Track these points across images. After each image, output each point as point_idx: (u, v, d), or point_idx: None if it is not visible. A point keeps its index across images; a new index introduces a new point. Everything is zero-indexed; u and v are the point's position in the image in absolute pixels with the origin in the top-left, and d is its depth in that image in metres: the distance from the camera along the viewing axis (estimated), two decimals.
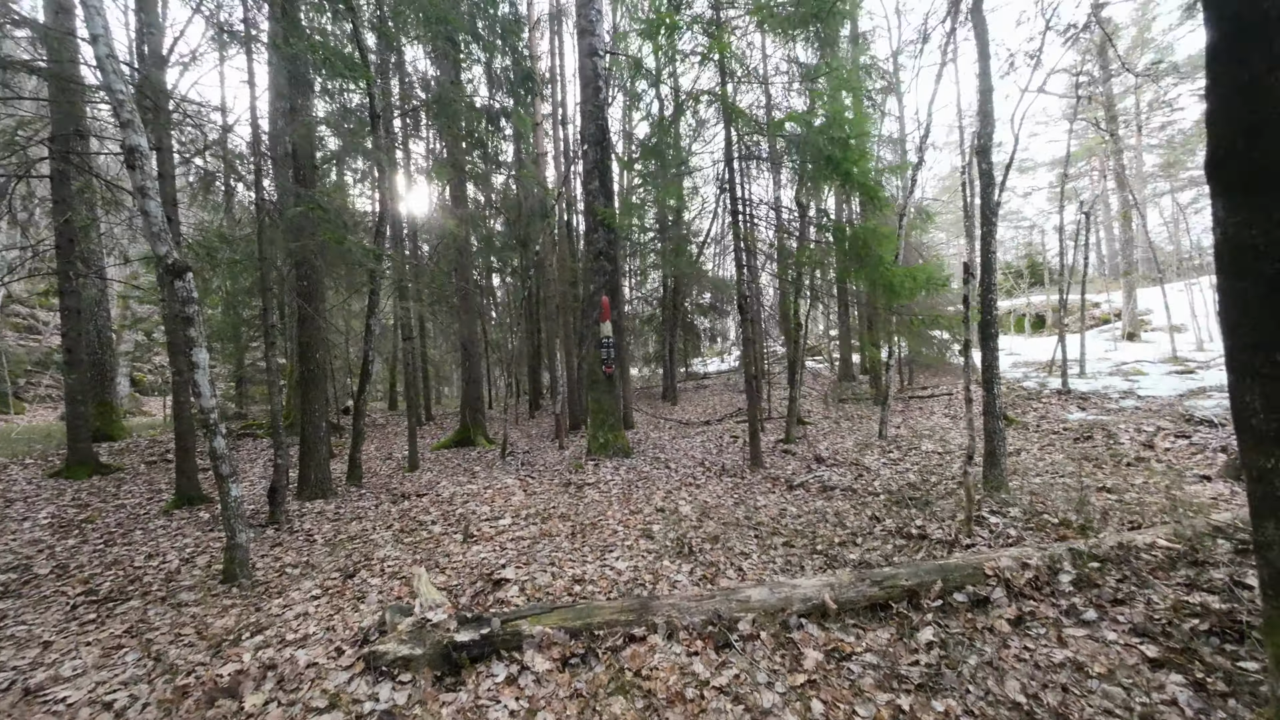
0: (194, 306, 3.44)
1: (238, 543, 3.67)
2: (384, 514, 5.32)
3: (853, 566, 3.41)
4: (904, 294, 4.86)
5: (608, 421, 7.49)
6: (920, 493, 4.86)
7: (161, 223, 3.33)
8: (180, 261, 3.38)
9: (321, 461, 5.99)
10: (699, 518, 4.74)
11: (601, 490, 5.86)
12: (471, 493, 5.99)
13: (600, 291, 7.44)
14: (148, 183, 3.26)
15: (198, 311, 3.46)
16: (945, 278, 4.74)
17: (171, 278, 3.36)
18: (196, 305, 3.45)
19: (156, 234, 3.29)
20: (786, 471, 6.30)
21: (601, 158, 7.49)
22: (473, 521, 4.84)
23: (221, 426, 3.58)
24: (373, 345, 6.61)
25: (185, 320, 3.42)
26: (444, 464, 8.07)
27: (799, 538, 4.09)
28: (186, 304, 3.41)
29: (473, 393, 9.55)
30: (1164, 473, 5.07)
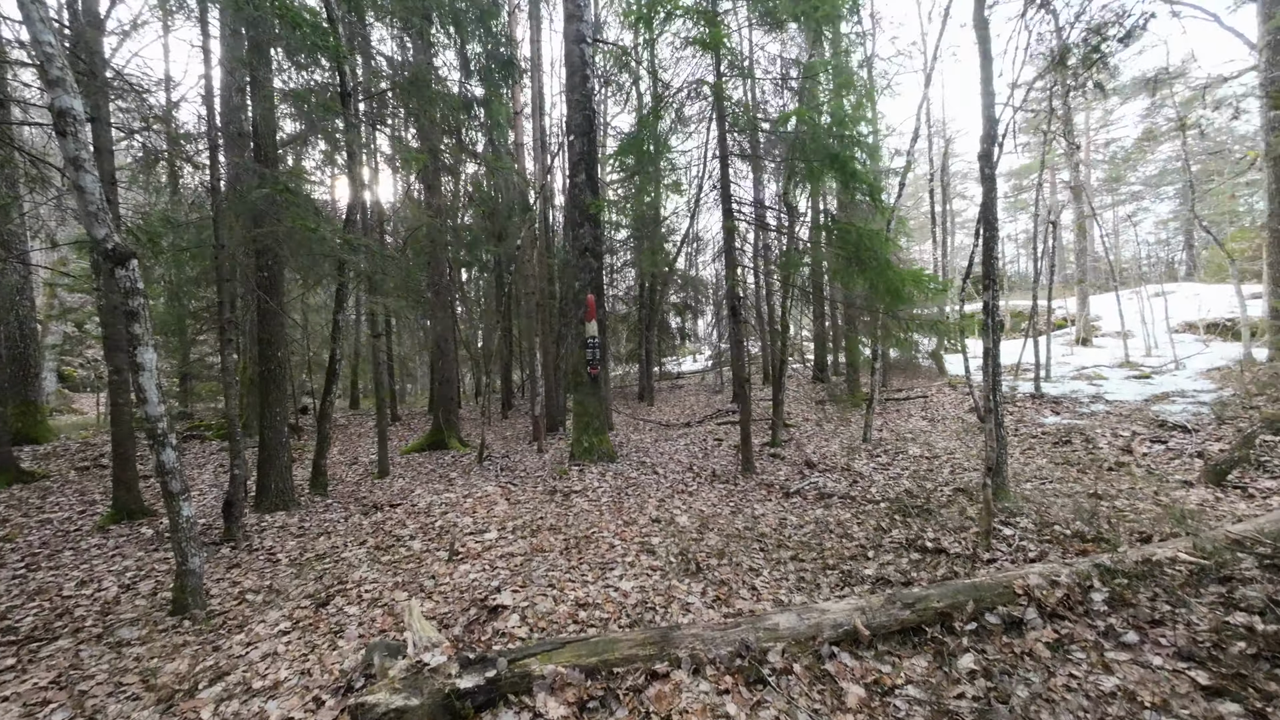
0: (139, 299, 2.98)
1: (190, 569, 3.23)
2: (355, 528, 4.89)
3: (871, 584, 3.27)
4: (905, 298, 4.79)
5: (592, 425, 7.20)
6: (920, 501, 4.79)
7: (100, 201, 2.86)
8: (122, 247, 2.92)
9: (283, 469, 5.48)
10: (698, 529, 4.53)
11: (590, 499, 5.58)
12: (450, 502, 5.60)
13: (586, 289, 7.14)
14: (83, 153, 2.79)
15: (144, 305, 3.00)
16: (946, 282, 4.68)
17: (112, 265, 2.90)
18: (142, 298, 2.99)
19: (94, 214, 2.83)
20: (779, 477, 6.17)
21: (589, 149, 7.17)
22: (456, 536, 4.48)
23: (171, 437, 3.13)
24: (340, 342, 6.12)
25: (128, 315, 2.96)
26: (416, 469, 7.60)
27: (806, 551, 3.93)
28: (130, 296, 2.95)
29: (446, 393, 9.07)
30: (1146, 478, 5.18)
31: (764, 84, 7.22)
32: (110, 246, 2.88)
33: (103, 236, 2.87)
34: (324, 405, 6.12)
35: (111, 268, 2.90)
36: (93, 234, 2.86)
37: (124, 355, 2.84)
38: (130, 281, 2.94)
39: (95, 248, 2.87)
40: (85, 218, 2.83)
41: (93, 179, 2.83)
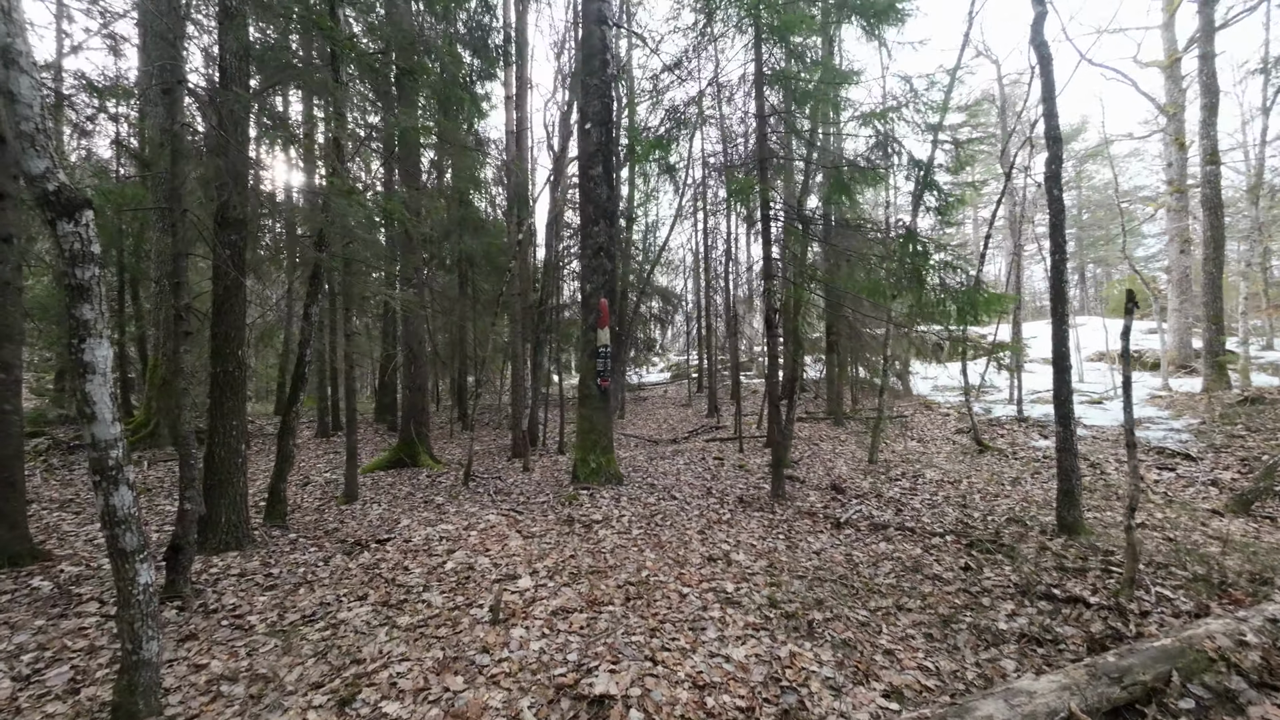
0: (90, 269, 2.03)
1: (145, 658, 2.24)
2: (342, 574, 3.90)
3: (1017, 642, 2.85)
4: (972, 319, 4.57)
5: (600, 443, 6.48)
6: (987, 534, 4.52)
7: (39, 118, 1.91)
8: (71, 190, 1.97)
9: (237, 497, 4.35)
10: (766, 570, 3.98)
11: (617, 530, 4.88)
12: (451, 536, 4.70)
13: (599, 292, 6.45)
14: (16, 42, 1.84)
15: (97, 278, 2.05)
16: (1013, 298, 4.50)
17: (54, 215, 1.94)
18: (95, 267, 2.04)
19: (29, 135, 1.87)
20: (810, 503, 5.76)
21: (606, 140, 6.53)
22: (483, 585, 3.64)
23: (128, 470, 2.16)
24: (311, 339, 5.05)
25: (75, 291, 2.00)
26: (389, 492, 6.50)
27: (906, 598, 3.49)
28: (77, 264, 2.00)
29: (416, 401, 7.97)
30: (1175, 507, 5.23)
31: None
32: (53, 188, 1.92)
33: (42, 172, 1.91)
34: (287, 417, 5.00)
35: (53, 219, 1.94)
36: (26, 167, 1.90)
37: (72, 352, 1.89)
38: (81, 242, 1.99)
39: (30, 187, 1.91)
40: (15, 141, 1.87)
41: (29, 83, 1.88)
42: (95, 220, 2.04)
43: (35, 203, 1.93)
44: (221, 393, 4.26)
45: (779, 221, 5.75)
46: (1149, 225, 24.66)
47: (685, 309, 18.11)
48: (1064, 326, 4.43)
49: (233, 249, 4.20)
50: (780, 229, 5.98)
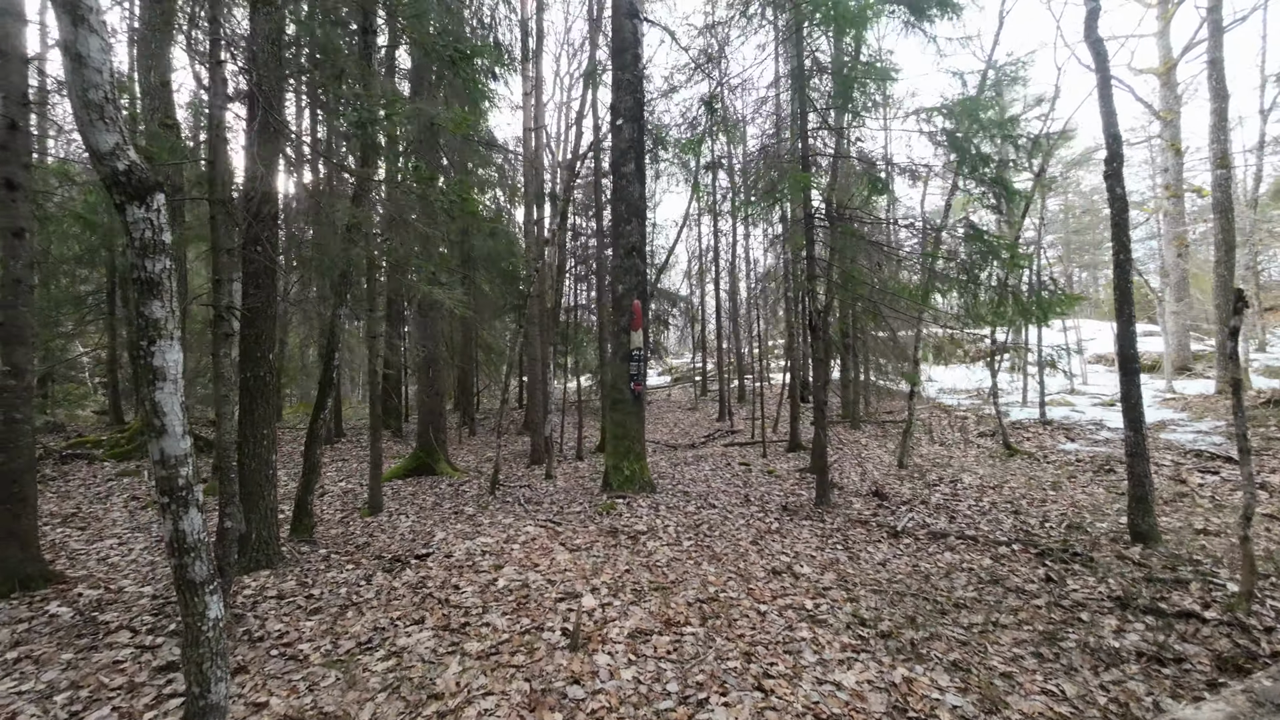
0: (162, 262, 1.78)
1: (213, 702, 1.98)
2: (388, 594, 3.62)
3: (1138, 662, 2.69)
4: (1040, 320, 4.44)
5: (633, 449, 6.26)
6: (1055, 543, 4.38)
7: (109, 87, 1.65)
8: (141, 169, 1.72)
9: (268, 511, 4.05)
10: (837, 584, 3.79)
11: (666, 542, 4.66)
12: (491, 550, 4.45)
13: (631, 294, 6.24)
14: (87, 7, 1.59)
15: (169, 271, 1.80)
16: (1076, 297, 4.38)
17: (123, 199, 1.69)
18: (167, 260, 1.79)
19: (97, 106, 1.62)
20: (856, 510, 5.59)
21: (638, 136, 6.34)
22: (543, 604, 3.40)
23: (197, 491, 1.91)
24: (340, 343, 4.77)
25: (147, 287, 1.75)
26: (414, 502, 6.21)
27: (997, 613, 3.32)
28: (147, 254, 1.74)
29: (433, 407, 7.67)
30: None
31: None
32: (123, 167, 1.67)
33: (111, 148, 1.65)
34: (314, 425, 4.71)
35: (122, 202, 1.69)
36: (94, 142, 1.64)
37: (140, 359, 1.62)
38: (152, 230, 1.74)
39: (97, 165, 1.65)
40: (82, 111, 1.61)
41: (99, 45, 1.63)
42: (165, 206, 1.79)
43: (103, 184, 1.67)
44: (251, 399, 3.97)
45: (822, 222, 5.59)
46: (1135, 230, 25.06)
47: (691, 312, 17.94)
48: (1130, 327, 4.31)
49: (264, 245, 3.91)
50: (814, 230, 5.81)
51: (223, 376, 3.09)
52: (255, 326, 3.97)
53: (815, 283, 5.56)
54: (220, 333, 3.10)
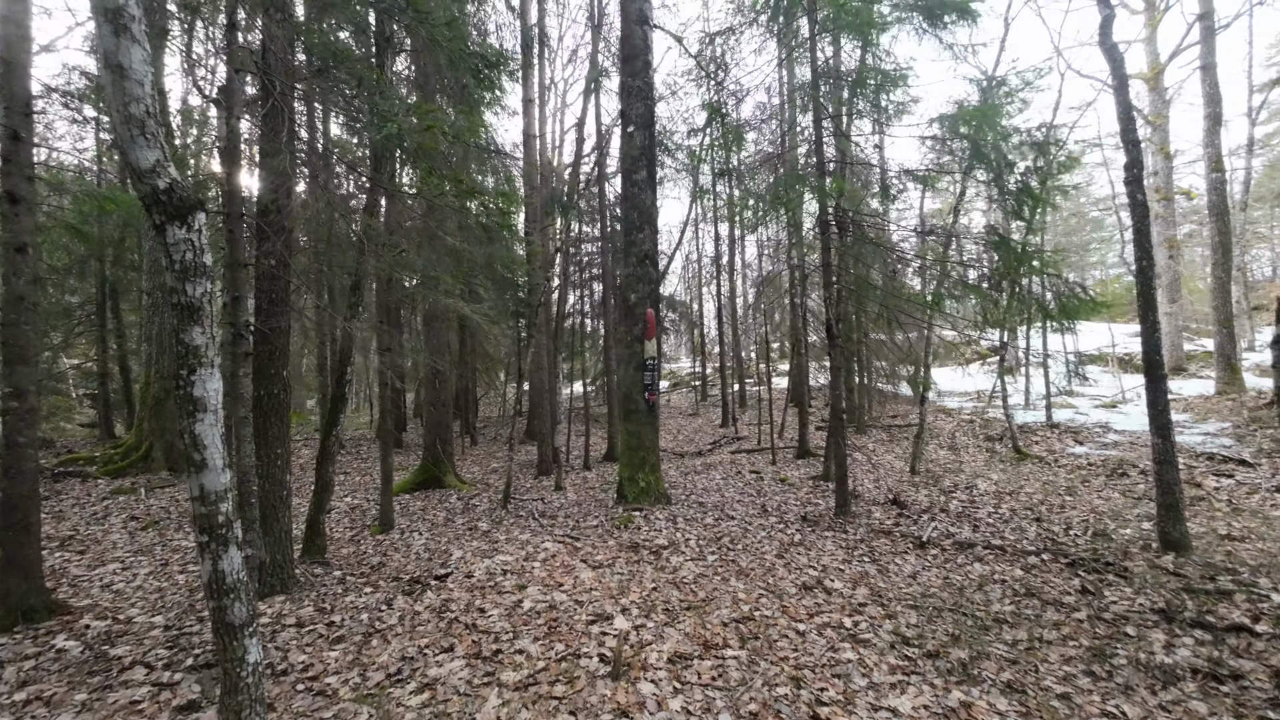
0: (203, 284, 1.67)
1: None
2: (411, 619, 3.50)
3: (1194, 679, 2.64)
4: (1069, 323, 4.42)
5: (648, 460, 6.16)
6: (1085, 550, 4.34)
7: (150, 101, 1.55)
8: (183, 188, 1.61)
9: (282, 535, 3.91)
10: (871, 599, 3.72)
11: (690, 557, 4.57)
12: (512, 569, 4.33)
13: (644, 302, 6.16)
14: (130, 5, 1.49)
15: (209, 295, 1.69)
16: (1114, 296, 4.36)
17: (163, 219, 1.58)
18: (208, 281, 1.68)
19: (138, 121, 1.52)
20: (876, 519, 5.53)
21: (650, 143, 6.28)
22: (574, 627, 3.30)
23: (236, 528, 1.79)
24: (353, 357, 4.64)
25: (188, 312, 1.64)
26: (424, 518, 6.07)
27: (1039, 628, 3.26)
28: (188, 277, 1.64)
29: (441, 419, 7.54)
30: (1252, 515, 5.15)
31: None
32: (164, 185, 1.56)
33: (152, 165, 1.55)
34: (327, 441, 4.58)
35: (162, 222, 1.58)
36: (135, 159, 1.53)
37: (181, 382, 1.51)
38: (194, 252, 1.63)
39: (137, 184, 1.54)
40: (122, 126, 1.50)
41: (141, 56, 1.52)
42: (206, 227, 1.68)
43: (142, 202, 1.56)
44: (265, 418, 3.83)
45: (838, 228, 5.55)
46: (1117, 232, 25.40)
47: (691, 317, 17.90)
48: (1155, 333, 4.30)
49: (278, 258, 3.79)
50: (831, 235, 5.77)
51: (240, 397, 2.97)
52: (269, 343, 3.84)
53: (833, 289, 5.51)
54: (239, 352, 2.98)
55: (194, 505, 1.72)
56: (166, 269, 1.64)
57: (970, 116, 4.13)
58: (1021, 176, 4.30)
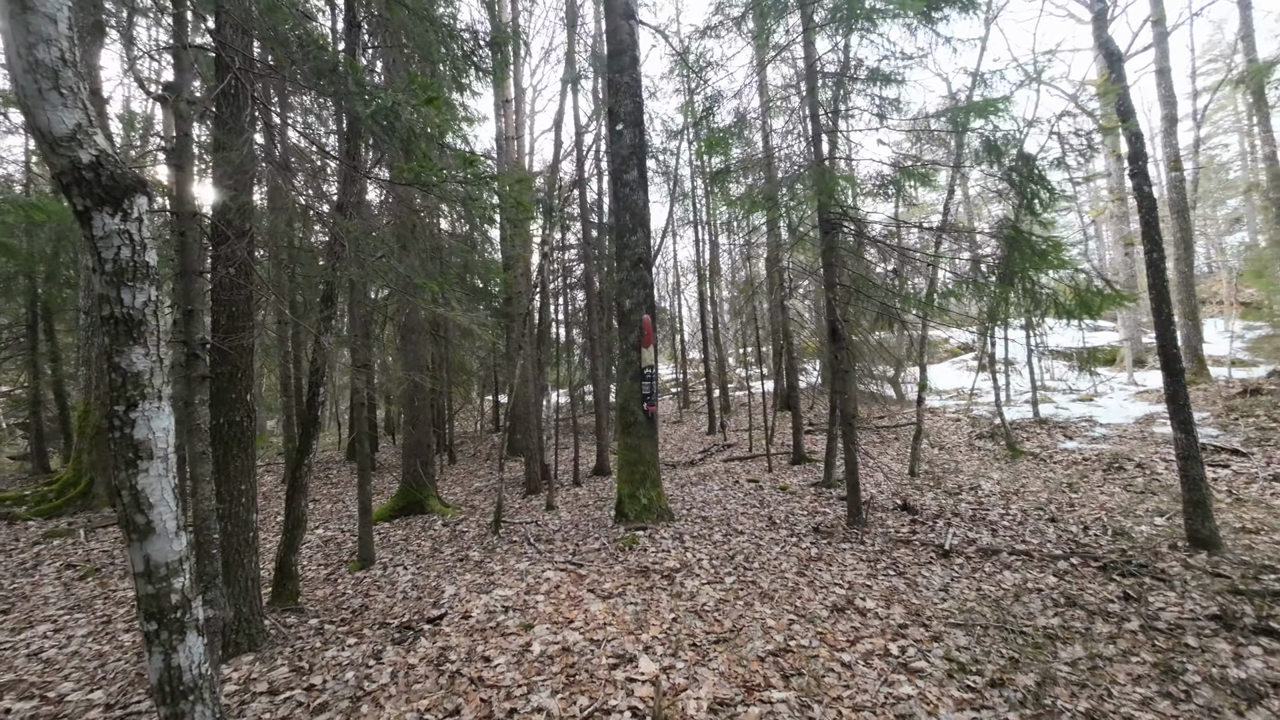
0: (145, 291, 1.27)
1: None
2: (405, 675, 3.05)
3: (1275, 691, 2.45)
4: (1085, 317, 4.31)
5: (649, 475, 5.82)
6: (1113, 553, 4.21)
7: (65, 44, 1.15)
8: (113, 162, 1.21)
9: (249, 583, 3.41)
10: (911, 619, 3.47)
11: (706, 580, 4.24)
12: (514, 604, 3.92)
13: (640, 309, 5.84)
14: None
15: (155, 306, 1.29)
16: (1129, 294, 4.25)
17: (91, 205, 1.18)
18: (153, 288, 1.28)
19: (53, 71, 1.12)
20: (890, 528, 5.32)
21: (640, 141, 6.00)
22: (595, 673, 2.92)
23: (196, 608, 1.38)
24: (326, 376, 4.16)
25: (124, 327, 1.23)
26: (408, 549, 5.56)
27: (1094, 643, 3.05)
28: (122, 281, 1.24)
29: (421, 439, 7.02)
30: (1255, 505, 5.15)
31: None
32: (89, 159, 1.16)
33: (70, 131, 1.15)
34: (298, 472, 4.07)
35: (86, 208, 1.18)
36: (43, 122, 1.13)
37: (113, 421, 1.10)
38: (130, 247, 1.23)
39: (50, 156, 1.14)
40: (26, 77, 1.10)
41: None
42: (149, 216, 1.28)
43: (59, 182, 1.15)
44: (226, 450, 3.34)
45: (844, 226, 5.36)
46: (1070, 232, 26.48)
47: (671, 323, 17.67)
48: (1170, 327, 4.23)
49: (239, 266, 3.32)
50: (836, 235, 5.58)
51: (198, 429, 2.50)
52: (230, 363, 3.35)
53: (836, 290, 5.31)
54: (194, 375, 2.51)
55: (138, 583, 1.30)
56: (95, 271, 1.23)
57: (980, 109, 4.01)
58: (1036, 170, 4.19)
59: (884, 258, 5.62)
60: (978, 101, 4.11)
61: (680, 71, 7.57)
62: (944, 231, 5.23)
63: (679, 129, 10.64)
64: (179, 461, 2.58)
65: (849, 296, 5.79)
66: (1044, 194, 4.26)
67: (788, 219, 6.19)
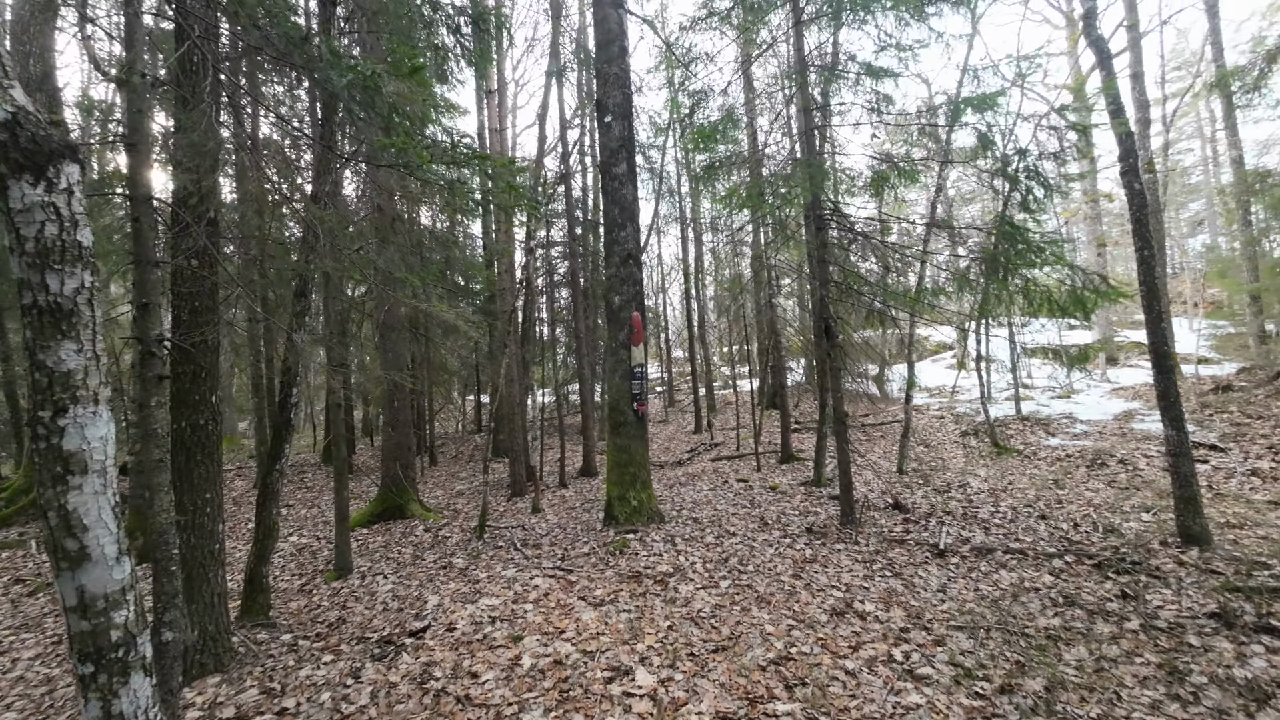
0: (80, 276, 1.08)
1: None
2: (386, 694, 2.86)
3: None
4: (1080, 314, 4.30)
5: (639, 476, 5.68)
6: (1106, 550, 4.21)
7: None
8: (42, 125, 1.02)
9: (215, 599, 3.17)
10: (912, 622, 3.39)
11: (701, 585, 4.12)
12: (501, 614, 3.75)
13: (629, 305, 5.69)
14: None
15: (91, 295, 1.10)
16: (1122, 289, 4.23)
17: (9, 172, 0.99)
18: (88, 273, 1.09)
19: None
20: (883, 527, 5.28)
21: (629, 134, 5.85)
22: (590, 688, 2.77)
23: (143, 644, 1.20)
24: (300, 375, 3.93)
25: (52, 318, 1.04)
26: (388, 556, 5.32)
27: (1097, 644, 3.01)
28: (53, 264, 1.04)
29: (401, 441, 6.76)
30: (1235, 500, 5.24)
31: None
32: (4, 116, 0.97)
33: None
34: (268, 479, 3.83)
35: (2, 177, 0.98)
36: None
37: (35, 426, 0.91)
38: (58, 223, 1.04)
39: None
40: None
41: None
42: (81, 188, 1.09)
43: None
44: (189, 456, 3.10)
45: (833, 223, 5.29)
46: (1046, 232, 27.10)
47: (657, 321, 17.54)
48: (1161, 324, 4.24)
49: (201, 256, 3.07)
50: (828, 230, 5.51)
51: (155, 435, 2.28)
52: (192, 361, 3.11)
53: (829, 287, 5.24)
54: (150, 375, 2.29)
55: (70, 619, 1.11)
56: (14, 251, 1.03)
57: (976, 104, 3.97)
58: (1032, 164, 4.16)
59: (870, 255, 5.57)
60: (974, 95, 4.07)
61: (667, 66, 7.42)
62: (936, 227, 5.19)
63: (665, 125, 10.51)
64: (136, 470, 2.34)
65: (840, 294, 5.73)
66: (1038, 189, 4.24)
67: (775, 215, 6.10)
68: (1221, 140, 23.74)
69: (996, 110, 4.03)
